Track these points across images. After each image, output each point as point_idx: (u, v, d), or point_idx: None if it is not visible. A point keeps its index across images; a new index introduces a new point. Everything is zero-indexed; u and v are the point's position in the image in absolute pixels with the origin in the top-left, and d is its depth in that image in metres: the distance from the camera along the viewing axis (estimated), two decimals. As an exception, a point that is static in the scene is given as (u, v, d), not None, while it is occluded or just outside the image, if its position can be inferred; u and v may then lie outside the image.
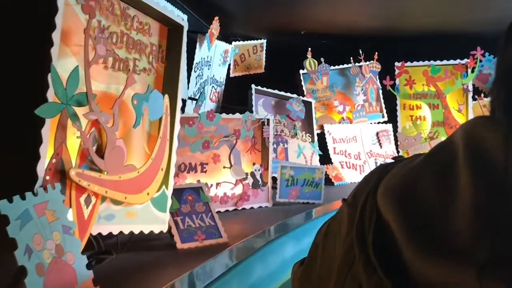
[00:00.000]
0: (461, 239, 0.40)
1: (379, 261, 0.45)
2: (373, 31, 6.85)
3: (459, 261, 0.40)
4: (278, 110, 5.93)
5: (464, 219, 0.41)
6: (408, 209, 0.46)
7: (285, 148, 5.76)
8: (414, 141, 6.87)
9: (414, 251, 0.43)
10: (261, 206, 4.39)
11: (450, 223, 0.42)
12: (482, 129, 0.46)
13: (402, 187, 0.48)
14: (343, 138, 6.46)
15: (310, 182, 4.57)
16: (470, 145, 0.45)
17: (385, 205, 0.48)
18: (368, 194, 0.52)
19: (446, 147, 0.49)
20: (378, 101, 6.95)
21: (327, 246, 0.56)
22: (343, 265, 0.50)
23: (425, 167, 0.48)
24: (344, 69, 6.86)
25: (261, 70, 6.89)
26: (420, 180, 0.47)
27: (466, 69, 6.82)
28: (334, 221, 0.58)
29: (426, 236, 0.43)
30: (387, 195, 0.49)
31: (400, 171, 0.51)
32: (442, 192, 0.44)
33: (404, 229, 0.45)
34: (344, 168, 6.28)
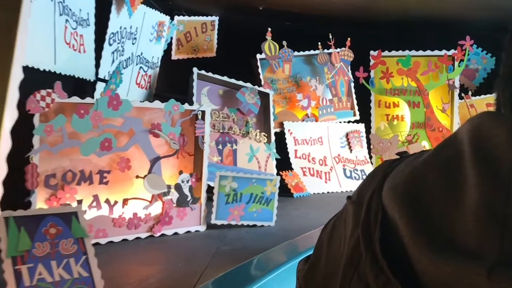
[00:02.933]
0: (468, 238, 0.39)
1: (386, 260, 0.43)
2: (346, 13, 5.73)
3: (468, 261, 0.37)
4: (227, 102, 4.73)
5: (472, 218, 0.39)
6: (414, 206, 0.43)
7: (233, 150, 4.56)
8: (389, 145, 5.80)
9: (420, 250, 0.41)
10: (189, 231, 3.19)
11: (457, 222, 0.40)
12: (489, 126, 0.42)
13: (408, 184, 0.46)
14: (307, 139, 5.33)
15: (259, 198, 3.39)
16: (476, 142, 0.42)
17: (391, 202, 0.45)
18: (374, 192, 0.49)
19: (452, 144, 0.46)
20: (349, 96, 5.84)
21: (332, 245, 0.54)
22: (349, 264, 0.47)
23: (431, 164, 0.45)
24: (311, 56, 5.71)
25: (212, 54, 5.70)
26: (426, 177, 0.45)
27: (452, 61, 5.80)
28: (338, 219, 0.57)
29: (433, 234, 0.41)
30: (392, 192, 0.46)
31: (405, 168, 0.48)
32: (449, 190, 0.42)
33: (410, 227, 0.42)
34: (306, 176, 5.14)
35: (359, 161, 5.66)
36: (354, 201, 0.53)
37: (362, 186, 0.54)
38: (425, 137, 5.85)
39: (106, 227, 2.83)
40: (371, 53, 5.84)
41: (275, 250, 2.62)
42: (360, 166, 5.62)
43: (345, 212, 0.55)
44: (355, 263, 0.47)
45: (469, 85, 6.26)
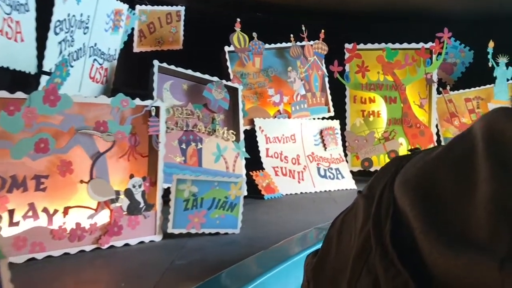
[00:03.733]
0: (480, 231, 0.38)
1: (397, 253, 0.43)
2: (320, 4, 5.45)
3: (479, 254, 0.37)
4: (192, 97, 4.40)
5: (483, 212, 0.39)
6: (426, 200, 0.43)
7: (198, 150, 4.23)
8: (365, 142, 5.57)
9: (431, 243, 0.40)
10: (143, 241, 2.85)
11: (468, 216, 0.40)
12: (503, 120, 0.42)
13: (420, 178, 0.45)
14: (279, 136, 5.03)
15: (222, 203, 3.08)
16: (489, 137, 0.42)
17: (402, 196, 0.45)
18: (385, 186, 0.49)
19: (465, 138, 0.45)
20: (323, 92, 5.56)
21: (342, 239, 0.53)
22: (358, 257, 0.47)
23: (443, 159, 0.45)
24: (283, 49, 5.41)
25: (178, 46, 5.36)
26: (438, 172, 0.44)
27: (430, 54, 5.57)
28: (349, 213, 0.55)
29: (444, 227, 0.41)
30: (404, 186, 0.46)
31: (417, 163, 0.47)
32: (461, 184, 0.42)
33: (421, 220, 0.42)
34: (278, 176, 4.85)
35: (333, 160, 5.39)
36: (365, 195, 0.53)
37: (373, 181, 0.53)
38: (402, 133, 5.62)
39: (43, 240, 2.47)
40: (346, 46, 5.58)
41: (228, 273, 2.28)
42: (334, 164, 5.35)
43: (356, 206, 0.54)
44: (364, 256, 0.47)
45: (447, 80, 6.06)
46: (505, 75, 5.52)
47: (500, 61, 5.50)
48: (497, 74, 5.52)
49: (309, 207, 4.19)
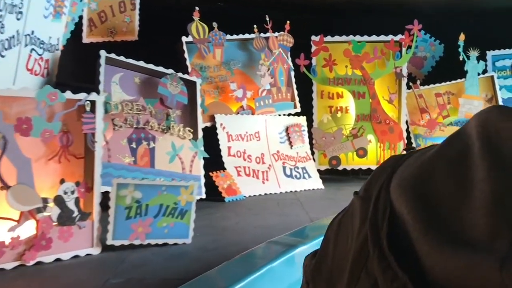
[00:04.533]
0: (479, 232, 0.38)
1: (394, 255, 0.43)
2: (285, -7, 5.15)
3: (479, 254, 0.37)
4: (144, 91, 4.03)
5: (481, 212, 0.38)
6: (423, 201, 0.43)
7: (150, 149, 3.87)
8: (333, 139, 5.31)
9: (430, 244, 0.40)
10: (78, 255, 2.49)
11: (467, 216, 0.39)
12: (498, 119, 0.42)
13: (416, 178, 0.45)
14: (242, 134, 4.72)
15: (171, 209, 2.74)
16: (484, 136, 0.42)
17: (399, 197, 0.44)
18: (381, 187, 0.48)
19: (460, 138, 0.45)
20: (289, 86, 5.27)
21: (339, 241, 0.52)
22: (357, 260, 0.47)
23: (439, 158, 0.45)
24: (246, 41, 5.08)
25: (133, 37, 4.99)
26: (435, 172, 0.44)
27: (400, 47, 5.35)
28: (345, 215, 0.53)
29: (443, 228, 0.40)
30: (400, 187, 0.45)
31: (413, 163, 0.47)
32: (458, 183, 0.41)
33: (418, 221, 0.42)
34: (241, 176, 4.54)
35: (300, 158, 5.10)
36: (361, 197, 0.50)
37: (370, 181, 0.51)
38: (371, 130, 5.38)
39: (-49, 259, 2.09)
40: (312, 38, 5.29)
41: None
42: (301, 163, 5.07)
43: (352, 208, 0.52)
44: (363, 259, 0.46)
45: (417, 74, 5.87)
46: (476, 69, 5.34)
47: (471, 54, 5.32)
48: (468, 68, 5.34)
49: (272, 210, 3.89)
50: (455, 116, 5.47)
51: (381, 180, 0.49)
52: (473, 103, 5.41)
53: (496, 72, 5.53)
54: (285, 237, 2.15)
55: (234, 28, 4.99)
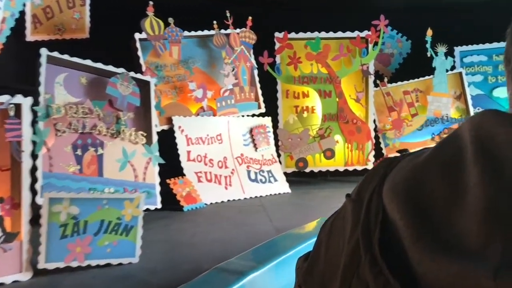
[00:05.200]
0: (472, 239, 0.39)
1: (386, 262, 0.43)
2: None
3: (473, 262, 0.37)
4: (91, 93, 3.68)
5: (475, 219, 0.39)
6: (415, 206, 0.43)
7: (98, 156, 3.52)
8: (299, 141, 5.08)
9: (422, 251, 0.41)
10: (2, 283, 2.14)
11: (460, 222, 0.40)
12: (491, 124, 0.42)
13: (409, 183, 0.45)
14: (202, 137, 4.43)
15: (114, 225, 2.42)
16: (478, 141, 0.42)
17: (391, 202, 0.45)
18: (374, 190, 0.49)
19: (453, 142, 0.45)
20: (252, 86, 5.00)
21: (331, 244, 0.53)
22: (349, 265, 0.47)
23: (432, 162, 0.45)
24: (205, 38, 4.78)
25: (84, 35, 4.64)
26: (427, 176, 0.44)
27: (366, 44, 5.15)
28: (337, 218, 0.55)
29: (435, 235, 0.41)
30: (392, 192, 0.46)
31: (406, 166, 0.47)
32: (451, 189, 0.42)
33: (411, 228, 0.42)
34: (202, 182, 4.24)
35: (265, 161, 4.84)
36: (354, 200, 0.51)
37: (362, 184, 0.52)
38: (338, 130, 5.17)
39: None
40: (276, 35, 5.04)
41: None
42: (266, 166, 4.81)
43: (344, 210, 0.53)
44: (355, 264, 0.46)
45: (384, 72, 5.68)
46: (444, 65, 5.19)
47: (439, 50, 5.16)
48: (436, 64, 5.18)
49: (234, 219, 3.60)
50: (423, 114, 5.31)
51: (373, 183, 0.48)
52: (441, 100, 5.26)
53: (464, 69, 5.40)
54: (235, 261, 1.87)
55: (192, 24, 4.68)
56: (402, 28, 5.63)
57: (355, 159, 5.22)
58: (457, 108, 5.37)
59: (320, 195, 4.63)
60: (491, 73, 5.41)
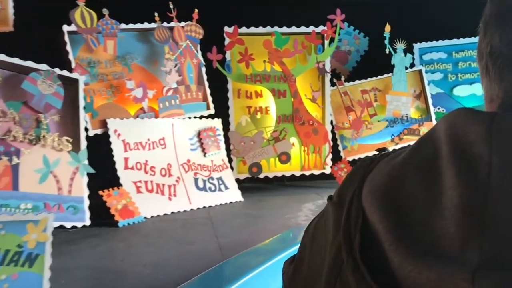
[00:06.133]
0: (450, 242, 0.39)
1: (367, 266, 0.43)
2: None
3: (451, 265, 0.38)
4: (6, 93, 3.14)
5: (452, 221, 0.39)
6: (394, 210, 0.43)
7: (13, 166, 2.99)
8: (253, 144, 4.70)
9: (402, 255, 0.41)
10: None
11: (437, 225, 0.40)
12: (465, 122, 0.42)
13: (387, 186, 0.45)
14: (143, 142, 3.99)
15: (13, 255, 1.93)
16: (453, 141, 0.42)
17: (371, 206, 0.45)
18: (353, 194, 0.49)
19: (429, 142, 0.45)
20: (200, 84, 4.58)
21: (314, 248, 0.54)
22: (332, 270, 0.48)
23: (409, 164, 0.45)
24: (146, 31, 4.32)
25: (8, 28, 4.08)
26: (404, 179, 0.44)
27: (322, 40, 4.83)
28: (319, 220, 0.55)
29: (414, 239, 0.41)
30: (372, 195, 0.46)
31: (384, 168, 0.48)
32: (428, 191, 0.42)
33: (390, 232, 0.42)
34: (141, 193, 3.79)
35: (215, 167, 4.43)
36: (335, 203, 0.51)
37: (342, 186, 0.52)
38: (294, 132, 4.82)
39: None
40: (225, 29, 4.63)
41: None
42: (216, 173, 4.39)
43: (326, 214, 0.53)
44: (337, 267, 0.46)
45: (341, 70, 5.38)
46: (403, 62, 4.93)
47: (398, 47, 4.90)
48: (395, 62, 4.92)
49: (175, 235, 3.17)
50: (382, 115, 5.04)
51: (353, 186, 0.49)
52: (401, 99, 5.01)
53: (424, 66, 5.16)
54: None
55: (131, 16, 4.22)
56: (359, 24, 5.35)
57: (312, 163, 4.89)
58: (417, 108, 5.13)
59: (275, 203, 4.26)
60: (451, 71, 5.21)
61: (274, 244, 2.39)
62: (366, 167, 0.49)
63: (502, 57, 0.46)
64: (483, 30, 0.48)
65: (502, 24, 0.46)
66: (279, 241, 2.53)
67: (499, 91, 0.46)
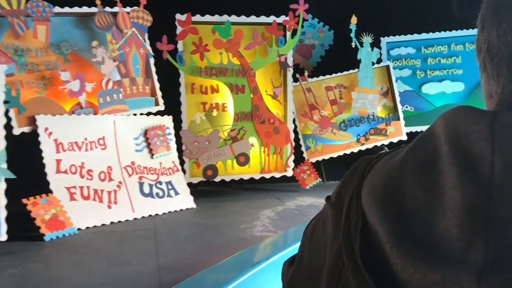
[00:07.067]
0: (453, 242, 0.38)
1: (368, 269, 0.42)
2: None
3: (456, 267, 0.37)
4: None
5: (455, 221, 0.38)
6: (394, 211, 0.42)
7: None
8: (208, 144, 4.28)
9: (404, 257, 0.40)
10: None
11: (440, 226, 0.39)
12: (465, 121, 0.41)
13: (386, 187, 0.44)
14: (78, 141, 3.54)
15: None
16: (453, 140, 0.40)
17: (370, 207, 0.44)
18: (353, 194, 0.47)
19: (427, 141, 0.43)
20: (148, 77, 4.13)
21: (312, 249, 0.53)
22: (332, 272, 0.47)
23: (408, 164, 0.44)
24: (85, 17, 3.82)
25: None
26: (404, 179, 0.43)
27: (284, 31, 4.45)
28: (318, 221, 0.54)
29: (416, 240, 0.40)
30: (371, 197, 0.45)
31: (383, 168, 0.46)
32: (429, 192, 0.41)
33: (391, 234, 0.41)
34: (76, 201, 3.34)
35: (164, 170, 3.99)
36: (333, 204, 0.50)
37: (341, 186, 0.50)
38: (253, 132, 4.44)
39: None
40: (177, 17, 4.19)
41: None
42: (166, 176, 3.95)
43: (324, 215, 0.52)
44: (337, 271, 0.46)
45: (304, 65, 5.02)
46: (369, 57, 4.61)
47: (365, 41, 4.57)
48: (361, 56, 4.59)
49: (108, 253, 2.70)
50: (348, 113, 4.70)
51: (352, 186, 0.48)
52: (367, 97, 4.68)
53: (392, 62, 4.85)
54: None
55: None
56: (324, 16, 5.00)
57: (272, 165, 4.51)
58: (384, 106, 4.82)
59: (230, 210, 3.85)
60: (419, 67, 4.92)
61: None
62: (364, 167, 0.49)
63: (499, 54, 0.44)
64: (480, 26, 0.47)
65: (499, 21, 0.45)
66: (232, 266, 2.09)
67: (497, 87, 0.45)
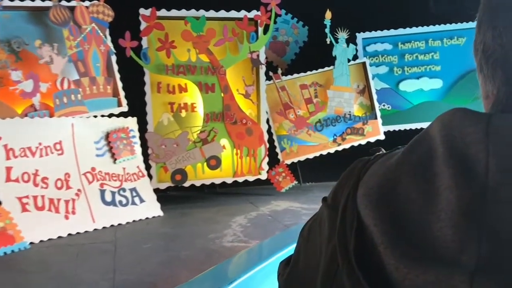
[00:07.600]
0: (447, 244, 0.38)
1: (362, 271, 0.42)
2: None
3: (449, 268, 0.37)
4: None
5: (449, 223, 0.38)
6: (389, 213, 0.42)
7: None
8: (175, 147, 4.02)
9: (398, 258, 0.40)
10: None
11: (434, 227, 0.39)
12: (461, 123, 0.41)
13: (382, 188, 0.44)
14: (32, 146, 3.27)
15: None
16: (448, 142, 0.41)
17: (365, 208, 0.44)
18: (349, 195, 0.48)
19: (423, 143, 0.44)
20: (109, 76, 3.85)
21: (308, 250, 0.54)
22: (327, 273, 0.47)
23: (403, 165, 0.44)
24: (38, 11, 3.52)
25: None
26: (399, 180, 0.43)
27: (255, 27, 4.23)
28: (314, 222, 0.55)
29: (409, 241, 0.40)
30: (366, 198, 0.45)
31: (378, 170, 0.47)
32: (424, 193, 0.41)
33: (385, 235, 0.41)
34: (29, 212, 3.06)
35: (128, 176, 3.75)
36: (329, 205, 0.50)
37: (337, 187, 0.51)
38: (225, 133, 4.21)
39: None
40: (141, 12, 3.93)
41: None
42: (130, 183, 3.69)
43: (320, 216, 0.52)
44: (332, 272, 0.46)
45: (278, 62, 4.82)
46: (345, 54, 4.42)
47: (340, 36, 4.38)
48: (337, 53, 4.40)
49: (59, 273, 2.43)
50: (324, 112, 4.51)
51: (348, 187, 0.48)
52: (343, 95, 4.50)
53: (368, 58, 4.67)
54: None
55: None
56: (298, 12, 4.79)
57: (245, 168, 4.29)
58: (361, 104, 4.65)
59: (200, 218, 3.61)
60: (396, 63, 4.77)
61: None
62: (360, 169, 0.49)
63: (494, 56, 0.45)
64: (477, 26, 0.47)
65: (494, 23, 0.45)
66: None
67: (493, 88, 0.46)
